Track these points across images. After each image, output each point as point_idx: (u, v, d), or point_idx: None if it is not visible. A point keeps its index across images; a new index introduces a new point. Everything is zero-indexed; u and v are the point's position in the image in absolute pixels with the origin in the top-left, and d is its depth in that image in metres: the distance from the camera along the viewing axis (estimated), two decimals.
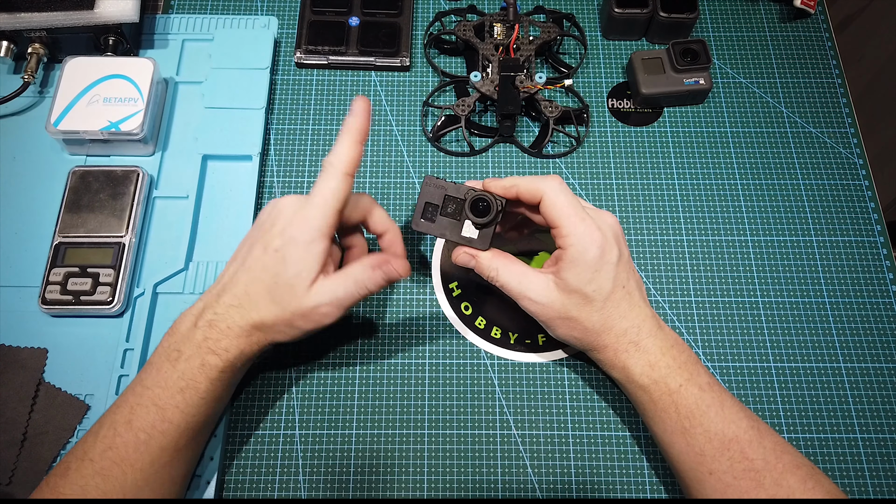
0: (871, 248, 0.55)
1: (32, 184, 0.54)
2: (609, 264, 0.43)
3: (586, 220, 0.43)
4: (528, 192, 0.44)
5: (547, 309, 0.44)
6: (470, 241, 0.46)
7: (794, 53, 0.63)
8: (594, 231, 0.43)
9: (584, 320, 0.44)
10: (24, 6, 0.54)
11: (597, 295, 0.43)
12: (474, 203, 0.45)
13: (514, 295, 0.45)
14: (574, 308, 0.44)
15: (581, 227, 0.43)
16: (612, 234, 0.44)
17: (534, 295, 0.45)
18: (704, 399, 0.42)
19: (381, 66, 0.61)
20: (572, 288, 0.43)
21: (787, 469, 0.40)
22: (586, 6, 0.65)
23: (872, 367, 0.51)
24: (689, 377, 0.43)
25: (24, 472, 0.45)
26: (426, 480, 0.47)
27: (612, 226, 0.45)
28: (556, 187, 0.44)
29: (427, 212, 0.46)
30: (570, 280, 0.43)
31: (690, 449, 0.42)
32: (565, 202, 0.43)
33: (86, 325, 0.50)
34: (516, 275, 0.45)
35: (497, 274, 0.45)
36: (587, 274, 0.43)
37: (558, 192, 0.44)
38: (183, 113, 0.58)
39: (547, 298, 0.44)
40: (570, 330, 0.45)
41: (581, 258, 0.43)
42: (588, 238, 0.43)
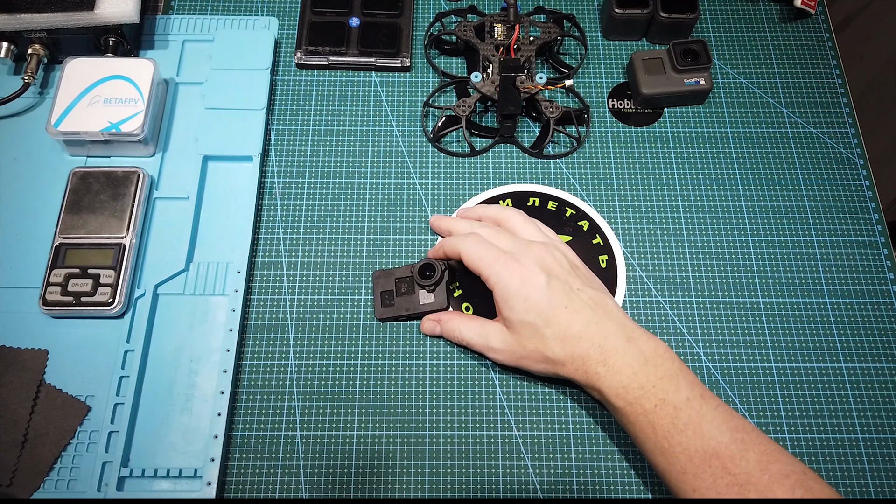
0: (871, 248, 0.55)
1: (33, 185, 0.54)
2: (537, 289, 0.44)
3: (500, 258, 0.45)
4: (452, 254, 0.48)
5: (509, 353, 0.46)
6: (430, 305, 0.51)
7: (795, 54, 0.63)
8: (512, 265, 0.45)
9: (546, 351, 0.45)
10: (25, 7, 0.54)
11: (539, 321, 0.44)
12: (420, 271, 0.51)
13: (480, 349, 0.48)
14: (529, 342, 0.45)
15: (497, 266, 0.45)
16: (534, 262, 0.45)
17: (494, 343, 0.47)
18: (681, 417, 0.41)
19: (382, 67, 0.61)
20: (515, 324, 0.45)
21: (775, 480, 0.39)
22: (587, 6, 0.65)
23: (873, 366, 0.51)
24: (665, 395, 0.42)
25: (24, 473, 0.45)
26: (426, 480, 0.47)
27: (536, 255, 0.46)
28: (468, 244, 0.47)
29: (385, 300, 0.52)
30: (511, 317, 0.45)
31: (672, 468, 0.41)
32: (479, 252, 0.46)
33: (86, 327, 0.50)
34: (475, 328, 0.48)
35: (459, 333, 0.48)
36: (519, 304, 0.44)
37: (471, 247, 0.46)
38: (183, 114, 0.58)
39: (504, 343, 0.46)
40: (538, 364, 0.46)
41: (507, 293, 0.45)
42: (506, 274, 0.45)
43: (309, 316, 0.52)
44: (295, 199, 0.56)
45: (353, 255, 0.54)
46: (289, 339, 0.51)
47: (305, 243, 0.54)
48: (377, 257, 0.54)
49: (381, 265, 0.54)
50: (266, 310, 0.52)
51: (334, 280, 0.53)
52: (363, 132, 0.59)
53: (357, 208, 0.56)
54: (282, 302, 0.52)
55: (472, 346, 0.48)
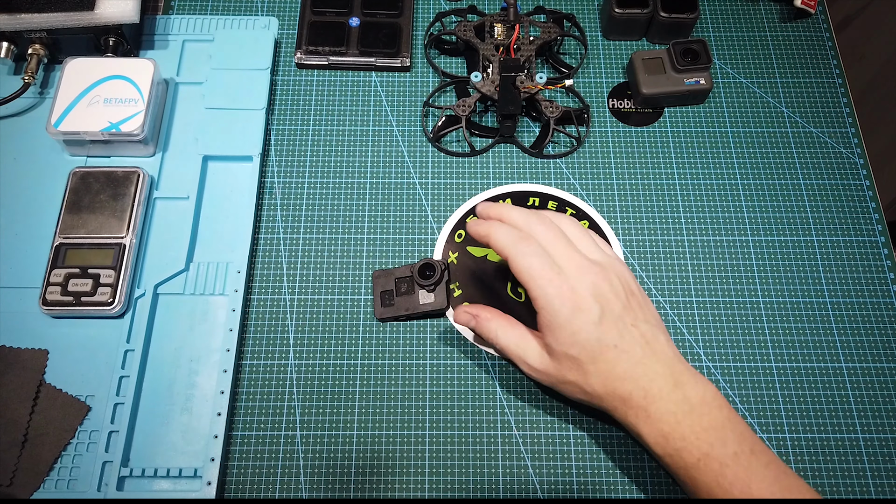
0: (871, 248, 0.55)
1: (33, 185, 0.54)
2: (588, 324, 0.40)
3: (554, 281, 0.41)
4: (497, 249, 0.43)
5: (544, 375, 0.44)
6: (430, 305, 0.50)
7: (795, 53, 0.63)
8: (564, 291, 0.41)
9: (583, 384, 0.42)
10: (25, 7, 0.54)
11: (583, 357, 0.41)
12: (420, 271, 0.50)
13: (513, 358, 0.45)
14: (568, 372, 0.42)
15: (549, 289, 0.41)
16: (588, 292, 0.41)
17: (531, 360, 0.44)
18: (727, 475, 0.38)
19: (382, 67, 0.61)
20: (557, 353, 0.42)
21: None
22: (587, 6, 0.65)
23: (873, 366, 0.51)
24: (710, 449, 0.38)
25: (24, 473, 0.45)
26: (426, 480, 0.47)
27: (592, 283, 0.41)
28: (521, 251, 0.42)
29: (385, 300, 0.51)
30: (553, 345, 0.42)
31: None
32: (531, 265, 0.41)
33: (86, 326, 0.50)
34: (514, 338, 0.44)
35: (496, 337, 0.45)
36: (565, 337, 0.41)
37: (524, 255, 0.42)
38: (183, 114, 0.58)
39: (542, 364, 0.43)
40: (577, 394, 0.43)
41: (554, 321, 0.41)
42: (557, 301, 0.41)
43: (309, 316, 0.52)
44: (295, 199, 0.56)
45: (353, 255, 0.54)
46: (289, 338, 0.51)
47: (305, 243, 0.54)
48: (377, 257, 0.54)
49: (381, 265, 0.54)
50: (266, 310, 0.52)
51: (334, 280, 0.53)
52: (363, 132, 0.59)
53: (357, 208, 0.56)
54: (282, 302, 0.52)
55: (507, 353, 0.45)
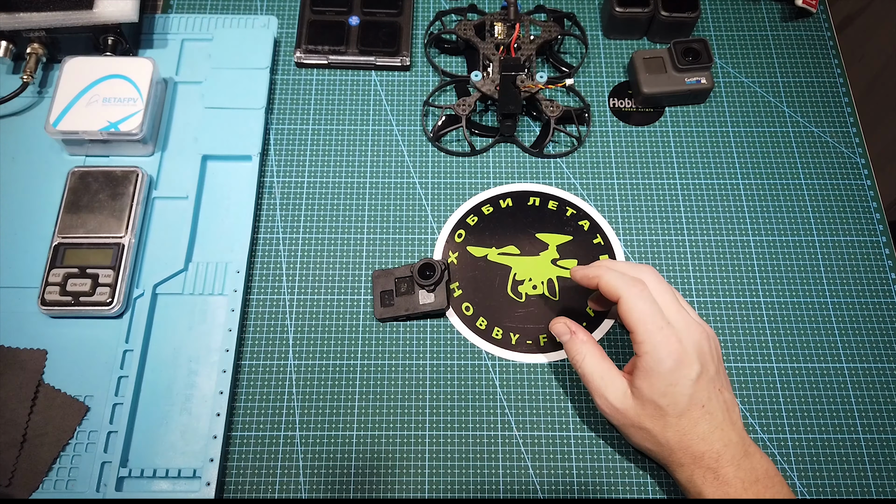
0: (872, 248, 0.55)
1: (31, 184, 0.54)
2: (686, 379, 0.41)
3: (664, 330, 0.42)
4: (608, 289, 0.44)
5: (620, 415, 0.44)
6: (430, 305, 0.50)
7: (796, 53, 0.63)
8: (672, 342, 0.41)
9: (657, 434, 0.42)
10: (23, 6, 0.54)
11: (671, 410, 0.41)
12: (420, 271, 0.50)
13: (592, 389, 0.45)
14: (648, 420, 0.42)
15: (658, 337, 0.41)
16: (694, 349, 0.42)
17: (611, 397, 0.44)
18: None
19: (382, 66, 0.61)
20: (646, 398, 0.42)
21: None
22: (587, 5, 0.65)
23: (874, 366, 0.51)
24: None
25: (23, 473, 0.45)
26: (426, 480, 0.47)
27: (698, 341, 0.42)
28: (635, 294, 0.43)
29: (384, 300, 0.51)
30: (644, 389, 0.42)
31: None
32: (643, 309, 0.42)
33: (85, 327, 0.50)
34: (599, 370, 0.44)
35: (582, 361, 0.45)
36: (661, 386, 0.41)
37: (637, 298, 0.42)
38: (182, 113, 0.57)
39: (622, 404, 0.43)
40: (645, 441, 0.43)
41: (655, 369, 0.41)
42: (664, 349, 0.41)
43: (309, 316, 0.52)
44: (295, 199, 0.56)
45: (353, 255, 0.54)
46: (288, 339, 0.51)
47: (305, 243, 0.54)
48: (377, 257, 0.54)
49: (381, 265, 0.53)
50: (265, 310, 0.52)
51: (334, 280, 0.53)
52: (363, 132, 0.59)
53: (357, 208, 0.56)
54: (281, 302, 0.52)
55: (587, 381, 0.45)
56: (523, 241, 0.54)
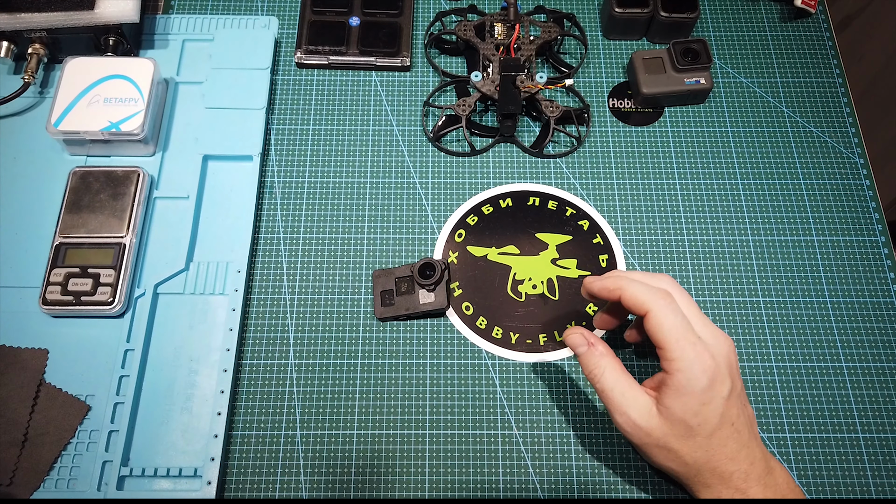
0: (872, 248, 0.55)
1: (33, 184, 0.54)
2: (719, 397, 0.39)
3: (697, 346, 0.39)
4: (633, 302, 0.41)
5: (644, 434, 0.41)
6: (430, 304, 0.50)
7: (795, 53, 0.63)
8: (706, 359, 0.39)
9: (684, 455, 0.40)
10: (25, 6, 0.54)
11: (701, 430, 0.39)
12: (420, 271, 0.50)
13: (612, 406, 0.42)
14: (675, 440, 0.40)
15: (691, 353, 0.39)
16: (725, 364, 0.40)
17: (634, 415, 0.41)
18: None
19: (382, 66, 0.61)
20: (675, 418, 0.40)
21: None
22: (587, 6, 0.65)
23: (874, 366, 0.51)
24: None
25: (24, 472, 0.45)
26: (426, 480, 0.47)
27: (728, 355, 0.40)
28: (664, 306, 0.40)
29: (385, 299, 0.51)
30: (674, 408, 0.39)
31: None
32: (674, 324, 0.39)
33: (86, 326, 0.50)
34: (621, 386, 0.41)
35: (602, 375, 0.42)
36: (694, 405, 0.39)
37: (667, 311, 0.40)
38: (183, 113, 0.58)
39: (647, 423, 0.40)
40: (668, 461, 0.41)
41: (688, 387, 0.39)
42: (698, 366, 0.39)
43: (309, 315, 0.52)
44: (295, 199, 0.56)
45: (353, 255, 0.54)
46: (289, 338, 0.51)
47: (305, 243, 0.54)
48: (377, 257, 0.54)
49: (381, 265, 0.54)
50: (266, 309, 0.52)
51: (334, 279, 0.53)
52: (363, 132, 0.59)
53: (357, 208, 0.56)
54: (282, 301, 0.52)
55: (606, 397, 0.42)
56: (523, 240, 0.55)
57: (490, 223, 0.55)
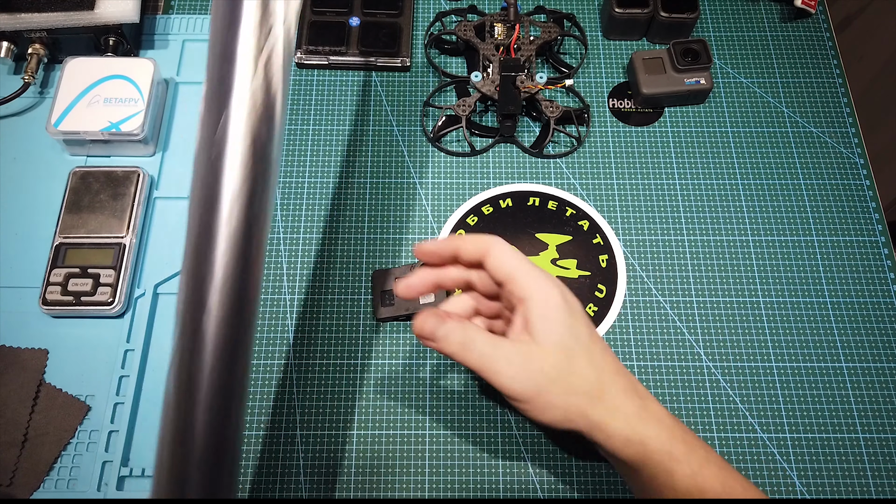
0: (871, 248, 0.55)
1: (33, 184, 0.54)
2: (578, 309, 0.39)
3: (537, 269, 0.39)
4: (473, 246, 0.40)
5: (532, 381, 0.37)
6: (430, 304, 0.50)
7: (795, 53, 0.63)
8: (550, 278, 0.39)
9: (576, 380, 0.37)
10: (25, 7, 0.54)
11: (579, 343, 0.38)
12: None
13: (496, 368, 0.37)
14: (564, 364, 0.37)
15: (537, 274, 0.39)
16: (561, 288, 0.39)
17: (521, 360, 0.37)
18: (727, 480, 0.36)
19: (382, 67, 0.61)
20: (552, 343, 0.37)
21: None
22: (587, 6, 0.65)
23: (874, 366, 0.51)
24: (707, 454, 0.37)
25: (24, 473, 0.45)
26: (426, 480, 0.47)
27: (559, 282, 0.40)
28: (502, 243, 0.39)
29: (385, 299, 0.51)
30: (548, 334, 0.37)
31: None
32: (514, 254, 0.39)
33: (86, 326, 0.50)
34: (491, 346, 0.38)
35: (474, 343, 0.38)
36: (562, 319, 0.38)
37: (505, 247, 0.39)
38: (183, 113, 0.58)
39: (528, 366, 0.37)
40: (567, 396, 0.37)
41: (549, 305, 0.38)
42: (548, 285, 0.38)
43: (309, 316, 0.52)
44: (295, 199, 0.56)
45: (353, 255, 0.54)
46: (288, 338, 0.51)
47: (305, 243, 0.54)
48: (377, 257, 0.54)
49: (381, 265, 0.54)
50: (266, 310, 0.52)
51: (334, 280, 0.53)
52: (363, 132, 0.59)
53: (357, 208, 0.56)
54: (282, 301, 0.52)
55: (484, 364, 0.38)
56: (523, 241, 0.55)
57: (490, 223, 0.55)
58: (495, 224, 0.55)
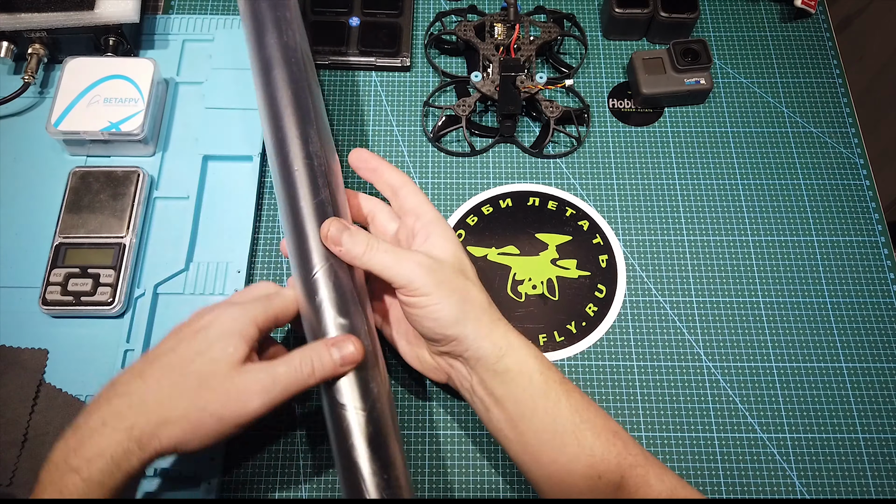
0: (871, 248, 0.55)
1: (33, 184, 0.54)
2: (459, 243, 0.44)
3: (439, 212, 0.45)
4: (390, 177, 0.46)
5: (434, 270, 0.40)
6: None
7: (795, 53, 0.63)
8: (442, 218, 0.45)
9: (471, 284, 0.42)
10: (25, 7, 0.54)
11: (470, 274, 0.43)
12: None
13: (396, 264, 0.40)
14: (459, 277, 0.42)
15: (439, 214, 0.45)
16: None
17: (417, 258, 0.41)
18: (584, 394, 0.42)
19: (382, 67, 0.61)
20: (452, 251, 0.43)
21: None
22: (587, 6, 0.65)
23: (873, 366, 0.51)
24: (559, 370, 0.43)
25: (24, 472, 0.45)
26: (426, 480, 0.47)
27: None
28: (414, 182, 0.46)
29: None
30: (446, 252, 0.42)
31: (582, 451, 0.39)
32: (423, 195, 0.45)
33: (86, 326, 0.50)
34: (392, 247, 0.42)
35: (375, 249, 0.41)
36: (459, 244, 0.44)
37: (417, 187, 0.46)
38: (183, 113, 0.58)
39: (431, 262, 0.41)
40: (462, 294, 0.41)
41: (449, 231, 0.44)
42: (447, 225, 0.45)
43: None
44: None
45: None
46: (288, 338, 0.51)
47: None
48: None
49: None
50: None
51: None
52: (363, 132, 0.59)
53: None
54: None
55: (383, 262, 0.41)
56: (523, 241, 0.55)
57: (490, 223, 0.55)
58: (495, 224, 0.55)
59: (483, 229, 0.55)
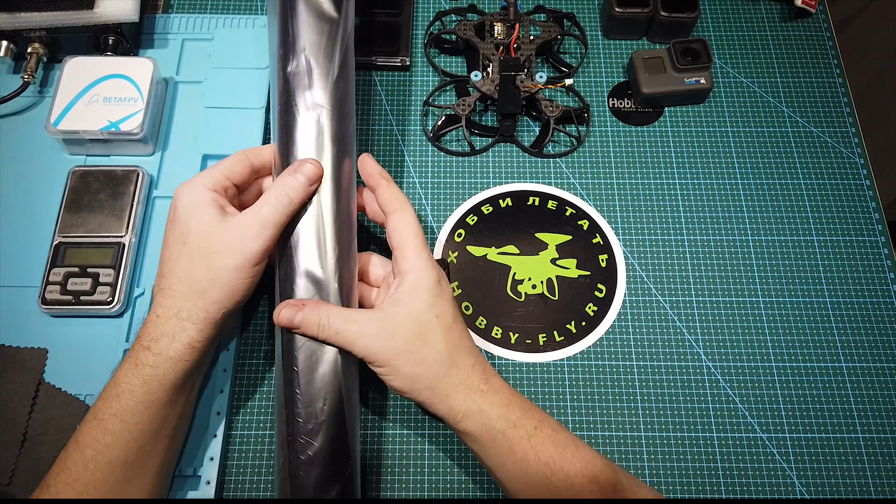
0: (871, 248, 0.55)
1: (32, 184, 0.54)
2: (447, 295, 0.43)
3: (427, 251, 0.43)
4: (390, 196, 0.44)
5: (386, 344, 0.40)
6: None
7: (795, 53, 0.63)
8: (431, 261, 0.43)
9: (429, 350, 0.41)
10: (24, 6, 0.54)
11: (440, 321, 0.41)
12: None
13: (352, 336, 0.41)
14: (417, 339, 0.41)
15: (426, 255, 0.43)
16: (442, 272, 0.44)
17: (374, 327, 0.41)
18: (560, 440, 0.40)
19: (382, 66, 0.61)
20: (411, 316, 0.41)
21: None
22: (587, 5, 0.65)
23: (873, 366, 0.51)
24: (542, 418, 0.41)
25: (24, 472, 0.45)
26: (426, 480, 0.47)
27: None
28: (414, 213, 0.44)
29: None
30: (410, 306, 0.41)
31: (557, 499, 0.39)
32: (418, 229, 0.43)
33: (86, 325, 0.50)
34: (346, 314, 0.41)
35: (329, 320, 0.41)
36: (428, 298, 0.42)
37: (415, 218, 0.44)
38: (183, 113, 0.58)
39: (384, 333, 0.41)
40: (416, 366, 0.41)
41: (420, 284, 0.42)
42: (430, 266, 0.43)
43: None
44: None
45: None
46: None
47: None
48: None
49: None
50: (266, 309, 0.52)
51: None
52: (363, 132, 0.59)
53: None
54: None
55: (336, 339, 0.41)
56: (523, 240, 0.55)
57: (490, 223, 0.55)
58: (495, 224, 0.55)
59: (483, 229, 0.55)
